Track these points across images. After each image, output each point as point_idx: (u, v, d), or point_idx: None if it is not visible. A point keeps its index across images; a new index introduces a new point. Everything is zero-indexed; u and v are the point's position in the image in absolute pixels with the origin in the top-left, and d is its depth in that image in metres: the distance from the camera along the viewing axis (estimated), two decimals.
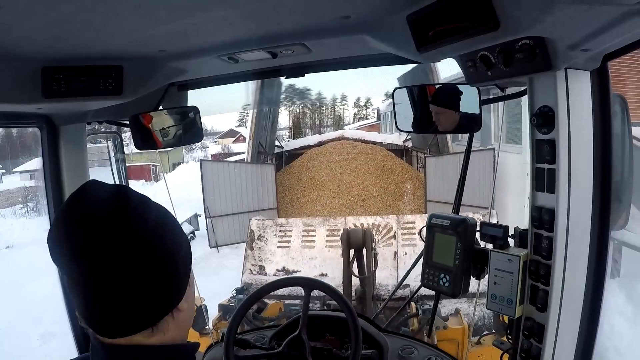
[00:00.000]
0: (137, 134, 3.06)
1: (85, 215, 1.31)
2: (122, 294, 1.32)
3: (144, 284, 1.35)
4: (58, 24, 1.89)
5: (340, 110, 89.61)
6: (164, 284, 1.40)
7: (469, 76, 2.23)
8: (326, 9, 2.03)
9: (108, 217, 1.31)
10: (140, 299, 1.35)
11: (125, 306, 1.34)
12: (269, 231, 12.54)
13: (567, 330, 2.16)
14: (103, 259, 1.28)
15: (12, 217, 30.65)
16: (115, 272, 1.30)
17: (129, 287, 1.32)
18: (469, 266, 2.42)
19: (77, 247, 1.29)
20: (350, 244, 8.66)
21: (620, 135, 2.26)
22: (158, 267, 1.38)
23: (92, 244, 1.28)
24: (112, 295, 1.31)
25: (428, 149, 19.78)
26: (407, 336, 3.44)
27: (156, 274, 1.37)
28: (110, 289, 1.31)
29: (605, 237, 2.17)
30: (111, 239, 1.29)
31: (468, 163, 3.18)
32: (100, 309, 1.34)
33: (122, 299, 1.33)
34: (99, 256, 1.28)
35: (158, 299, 1.40)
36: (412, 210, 18.47)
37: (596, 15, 1.53)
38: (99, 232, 1.29)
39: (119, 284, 1.31)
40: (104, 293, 1.31)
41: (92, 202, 1.35)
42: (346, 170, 20.30)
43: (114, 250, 1.29)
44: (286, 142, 26.91)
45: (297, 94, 41.22)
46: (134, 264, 1.32)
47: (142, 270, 1.34)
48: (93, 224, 1.29)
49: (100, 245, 1.28)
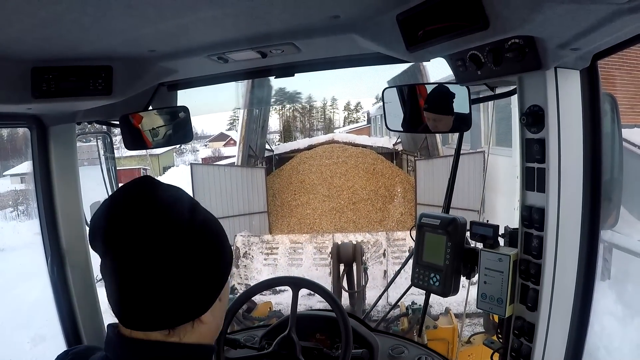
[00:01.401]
0: (127, 134, 3.05)
1: (139, 208, 1.36)
2: (151, 289, 1.34)
3: (173, 286, 1.36)
4: (47, 24, 1.89)
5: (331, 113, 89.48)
6: (191, 292, 1.41)
7: (459, 76, 2.23)
8: (315, 9, 2.03)
9: (160, 214, 1.36)
10: (165, 300, 1.37)
11: (149, 302, 1.36)
12: (254, 248, 12.52)
13: (558, 329, 2.17)
14: (147, 252, 1.33)
15: (3, 220, 30.49)
16: (153, 267, 1.33)
17: (160, 284, 1.35)
18: (459, 265, 2.42)
19: (126, 237, 1.33)
20: (340, 258, 8.67)
21: (610, 134, 2.27)
22: (192, 273, 1.39)
23: (141, 236, 1.33)
24: (142, 288, 1.34)
25: (418, 152, 19.82)
26: (397, 336, 3.44)
27: (188, 280, 1.38)
28: (143, 281, 1.34)
29: (595, 236, 2.18)
30: (159, 235, 1.34)
31: (458, 163, 3.18)
32: (129, 299, 1.36)
33: (149, 294, 1.35)
34: (144, 248, 1.33)
35: (181, 306, 1.40)
36: (402, 213, 18.48)
37: (585, 14, 1.54)
38: (148, 227, 1.33)
39: (152, 279, 1.34)
40: (136, 284, 1.34)
41: (148, 196, 1.40)
42: (336, 174, 20.29)
43: (159, 246, 1.33)
44: (276, 145, 26.98)
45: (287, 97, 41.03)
46: (172, 263, 1.35)
47: (176, 271, 1.36)
48: (145, 218, 1.34)
49: (147, 239, 1.33)
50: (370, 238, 12.67)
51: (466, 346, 5.95)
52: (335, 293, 8.41)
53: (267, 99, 22.56)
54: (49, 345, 10.66)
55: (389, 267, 12.14)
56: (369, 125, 50.08)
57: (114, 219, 1.37)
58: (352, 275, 8.92)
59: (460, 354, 5.89)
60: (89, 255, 3.43)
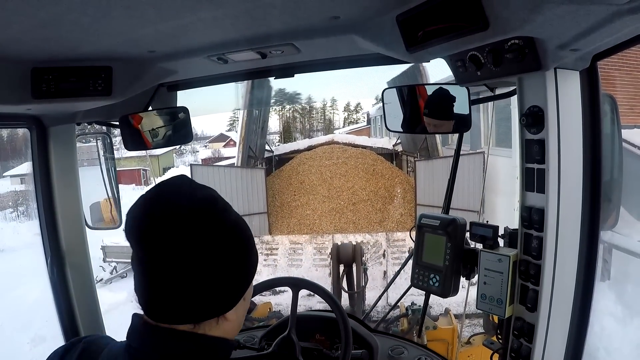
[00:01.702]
0: (126, 134, 3.05)
1: (175, 205, 1.42)
2: (182, 285, 1.40)
3: (203, 283, 1.43)
4: (47, 24, 1.89)
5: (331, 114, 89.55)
6: (219, 290, 1.47)
7: (459, 76, 2.23)
8: (315, 10, 2.03)
9: (195, 213, 1.42)
10: (194, 296, 1.43)
11: (179, 297, 1.42)
12: None
13: (557, 330, 2.17)
14: (181, 248, 1.38)
15: (3, 221, 30.54)
16: (185, 263, 1.39)
17: (191, 280, 1.41)
18: (458, 266, 2.42)
19: (162, 232, 1.37)
20: (340, 259, 8.67)
21: (609, 135, 2.27)
22: (221, 272, 1.46)
23: (177, 233, 1.37)
24: (174, 283, 1.40)
25: (418, 153, 19.84)
26: (397, 336, 3.43)
27: (217, 278, 1.45)
28: (175, 277, 1.39)
29: (595, 237, 2.18)
30: (193, 234, 1.39)
31: (458, 163, 3.18)
32: (159, 293, 1.42)
33: (180, 289, 1.41)
34: (179, 245, 1.38)
35: (208, 303, 1.47)
36: (402, 213, 18.49)
37: (585, 15, 1.54)
38: (184, 224, 1.38)
39: (184, 275, 1.40)
40: (168, 279, 1.40)
41: (184, 194, 1.46)
42: (336, 175, 20.30)
43: (193, 244, 1.39)
44: (276, 146, 26.98)
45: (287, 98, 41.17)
46: (204, 261, 1.41)
47: (207, 269, 1.42)
48: (181, 216, 1.40)
49: (182, 236, 1.38)
50: (370, 239, 12.67)
51: (466, 347, 5.94)
52: (335, 294, 8.41)
53: (267, 99, 22.59)
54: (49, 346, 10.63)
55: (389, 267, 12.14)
56: (368, 126, 50.09)
57: (151, 213, 1.41)
58: (352, 276, 8.92)
59: (460, 354, 5.89)
60: (89, 256, 3.43)
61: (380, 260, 12.29)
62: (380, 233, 13.54)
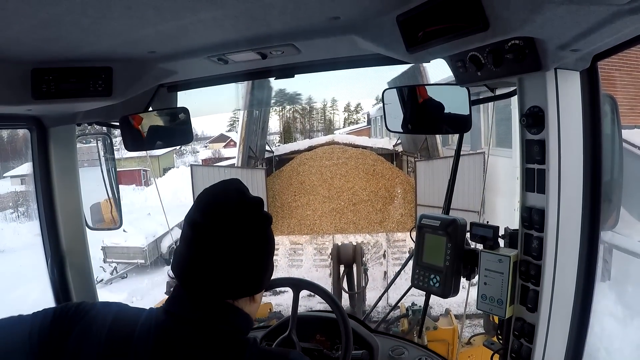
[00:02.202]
0: (127, 135, 3.04)
1: (234, 204, 1.80)
2: (226, 265, 1.75)
3: (246, 266, 1.79)
4: (47, 25, 1.89)
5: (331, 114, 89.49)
6: (255, 273, 1.83)
7: (459, 77, 2.23)
8: (315, 10, 2.03)
9: (248, 209, 1.81)
10: (240, 275, 1.79)
11: (229, 274, 1.77)
12: None
13: (558, 331, 2.17)
14: (232, 238, 1.74)
15: (3, 222, 30.54)
16: (233, 249, 1.75)
17: (238, 263, 1.77)
18: (459, 266, 2.41)
19: (217, 220, 1.75)
20: (341, 259, 8.66)
21: (610, 135, 2.27)
22: (258, 259, 1.83)
23: (231, 226, 1.75)
24: (225, 263, 1.75)
25: (418, 153, 19.81)
26: (397, 337, 3.44)
27: (256, 264, 1.82)
28: (224, 259, 1.74)
29: (596, 237, 2.18)
30: (242, 224, 1.77)
31: (458, 164, 3.18)
32: (207, 270, 1.75)
33: (224, 269, 1.76)
34: (231, 235, 1.74)
35: (246, 283, 1.82)
36: (402, 214, 18.48)
37: (586, 15, 1.54)
38: (235, 217, 1.76)
39: (232, 258, 1.75)
40: (217, 259, 1.74)
41: (239, 197, 1.84)
42: (336, 175, 20.29)
43: (242, 236, 1.76)
44: (276, 146, 26.97)
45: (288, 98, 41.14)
46: (248, 250, 1.78)
47: (250, 256, 1.79)
48: (232, 210, 1.77)
49: (234, 228, 1.75)
50: (371, 239, 12.67)
51: (466, 347, 5.95)
52: (336, 294, 8.40)
53: (267, 100, 22.58)
54: None
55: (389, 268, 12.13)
56: (369, 126, 50.11)
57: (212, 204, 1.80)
58: (352, 277, 8.91)
59: (460, 355, 5.90)
60: (89, 256, 3.44)
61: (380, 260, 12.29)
62: (381, 233, 13.54)
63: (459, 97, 2.39)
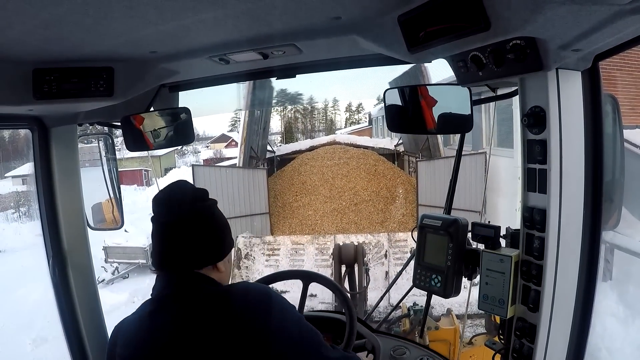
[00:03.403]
0: (128, 135, 3.04)
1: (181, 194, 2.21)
2: (189, 240, 2.17)
3: (201, 239, 2.19)
4: (49, 25, 1.89)
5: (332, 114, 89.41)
6: (212, 245, 2.24)
7: (460, 77, 2.23)
8: (317, 10, 2.03)
9: (193, 199, 2.22)
10: (197, 247, 2.18)
11: (189, 248, 2.17)
12: (256, 249, 12.51)
13: (559, 331, 2.16)
14: (184, 220, 2.16)
15: (4, 222, 30.56)
16: (188, 228, 2.16)
17: (193, 237, 2.17)
18: (460, 266, 2.42)
19: (172, 210, 2.16)
20: (342, 259, 8.65)
21: (611, 135, 2.26)
22: (211, 234, 2.24)
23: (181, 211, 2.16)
24: (183, 239, 2.16)
25: (420, 153, 19.77)
26: (399, 337, 3.44)
27: (209, 237, 2.23)
28: (182, 237, 2.16)
29: (597, 237, 2.18)
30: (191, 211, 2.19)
31: (459, 164, 3.18)
32: (172, 248, 2.17)
33: (187, 246, 2.17)
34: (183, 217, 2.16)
35: (207, 252, 2.21)
36: (403, 214, 18.46)
37: (587, 15, 1.54)
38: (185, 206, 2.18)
39: (188, 235, 2.16)
40: (180, 239, 2.16)
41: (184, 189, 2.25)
42: (338, 175, 20.27)
43: (191, 217, 2.18)
44: (278, 146, 26.95)
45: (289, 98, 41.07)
46: (200, 225, 2.20)
47: (203, 231, 2.20)
48: (184, 201, 2.19)
49: (185, 212, 2.17)
50: (372, 239, 12.63)
51: (468, 347, 5.94)
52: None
53: (268, 100, 22.59)
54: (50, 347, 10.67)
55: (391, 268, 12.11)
56: (370, 126, 50.03)
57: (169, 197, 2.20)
58: (354, 277, 8.90)
59: (461, 355, 5.89)
60: (90, 256, 3.44)
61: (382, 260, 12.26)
62: (382, 233, 13.50)
63: (461, 97, 2.38)
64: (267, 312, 2.03)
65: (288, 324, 2.07)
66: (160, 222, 2.19)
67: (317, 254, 12.72)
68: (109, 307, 3.32)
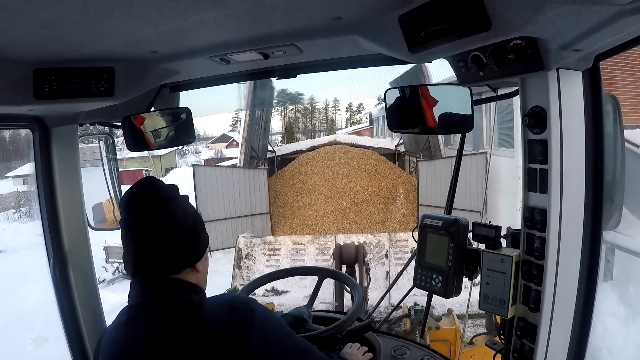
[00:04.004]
0: (129, 135, 3.05)
1: (149, 196, 2.06)
2: (163, 245, 2.03)
3: (176, 243, 2.06)
4: (49, 25, 1.89)
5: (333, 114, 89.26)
6: (188, 246, 2.11)
7: (461, 77, 2.23)
8: (317, 10, 2.03)
9: (163, 199, 2.07)
10: (172, 252, 2.05)
11: (163, 253, 2.03)
12: (257, 249, 12.49)
13: (560, 330, 2.16)
14: (156, 223, 2.02)
15: (5, 222, 30.56)
16: (160, 232, 2.02)
17: (167, 242, 2.04)
18: (461, 266, 2.42)
19: (142, 214, 2.03)
20: (343, 259, 8.63)
21: (612, 135, 2.26)
22: (186, 235, 2.10)
23: (152, 214, 2.02)
24: (157, 245, 2.03)
25: (420, 153, 19.77)
26: (399, 337, 3.44)
27: (184, 239, 2.09)
28: (155, 242, 2.02)
29: (598, 237, 2.18)
30: (162, 213, 2.03)
31: (460, 164, 3.18)
32: (146, 255, 2.03)
33: (163, 248, 2.03)
34: (154, 221, 2.02)
35: (183, 255, 2.09)
36: (404, 214, 18.45)
37: (588, 15, 1.54)
38: (155, 208, 2.03)
39: (161, 239, 2.03)
40: (151, 245, 2.02)
41: (152, 189, 2.09)
42: (339, 175, 20.26)
43: (163, 220, 2.03)
44: (279, 146, 26.96)
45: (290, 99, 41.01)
46: (173, 228, 2.05)
47: (177, 234, 2.06)
48: (153, 202, 2.04)
49: (155, 215, 2.02)
50: (373, 239, 12.60)
51: (468, 347, 5.94)
52: (337, 294, 8.39)
53: (269, 100, 22.60)
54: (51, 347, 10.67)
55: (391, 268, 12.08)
56: (371, 126, 50.00)
57: (139, 199, 2.06)
58: (355, 277, 8.88)
59: (462, 355, 5.89)
60: (91, 256, 3.44)
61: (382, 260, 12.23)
62: (383, 233, 13.47)
63: (461, 97, 2.38)
64: (249, 328, 1.94)
65: (272, 340, 2.00)
66: (128, 227, 2.05)
67: (317, 254, 12.69)
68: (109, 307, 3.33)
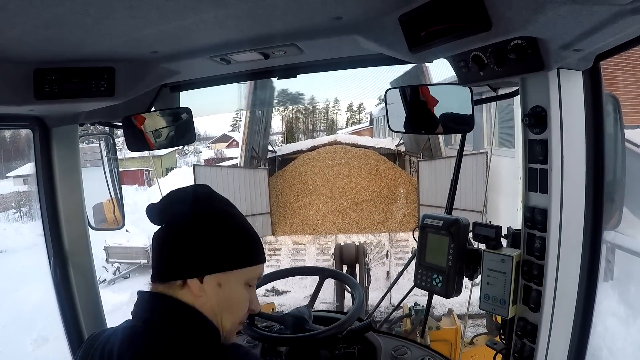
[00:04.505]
0: (129, 135, 3.05)
1: (179, 201, 1.88)
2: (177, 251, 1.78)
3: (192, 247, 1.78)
4: (50, 25, 1.89)
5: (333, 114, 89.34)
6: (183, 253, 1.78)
7: (461, 77, 2.23)
8: (318, 10, 2.03)
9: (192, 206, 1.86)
10: (182, 256, 1.77)
11: (175, 256, 1.78)
12: None
13: (560, 330, 2.16)
14: (180, 226, 1.81)
15: (6, 222, 30.57)
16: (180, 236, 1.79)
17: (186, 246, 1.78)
18: (462, 266, 2.41)
19: (170, 216, 1.84)
20: (343, 259, 8.63)
21: (612, 134, 2.26)
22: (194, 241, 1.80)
23: (179, 218, 1.81)
24: (173, 249, 1.79)
25: (421, 153, 19.80)
26: (400, 337, 3.44)
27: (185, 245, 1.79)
28: (174, 246, 1.79)
29: (598, 237, 2.17)
30: (188, 219, 1.81)
31: (461, 164, 3.18)
32: (164, 256, 1.80)
33: (176, 251, 1.78)
34: (179, 224, 1.81)
35: (175, 264, 1.77)
36: (405, 214, 18.48)
37: (588, 15, 1.53)
38: (184, 212, 1.82)
39: (180, 244, 1.78)
40: (169, 248, 1.79)
41: (184, 196, 1.93)
42: (339, 175, 20.29)
43: (187, 224, 1.81)
44: (279, 146, 26.99)
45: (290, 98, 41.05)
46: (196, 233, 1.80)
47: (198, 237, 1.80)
48: (183, 206, 1.84)
49: (181, 220, 1.81)
50: (373, 239, 12.63)
51: (469, 347, 5.95)
52: (338, 294, 8.39)
53: (269, 100, 22.62)
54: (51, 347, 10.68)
55: (392, 268, 12.11)
56: (371, 126, 50.05)
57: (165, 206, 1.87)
58: (355, 277, 8.89)
59: (463, 355, 5.89)
60: (92, 256, 3.44)
61: (383, 260, 12.27)
62: (383, 233, 13.52)
63: (462, 97, 2.38)
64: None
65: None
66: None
67: (318, 254, 12.72)
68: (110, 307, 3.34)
